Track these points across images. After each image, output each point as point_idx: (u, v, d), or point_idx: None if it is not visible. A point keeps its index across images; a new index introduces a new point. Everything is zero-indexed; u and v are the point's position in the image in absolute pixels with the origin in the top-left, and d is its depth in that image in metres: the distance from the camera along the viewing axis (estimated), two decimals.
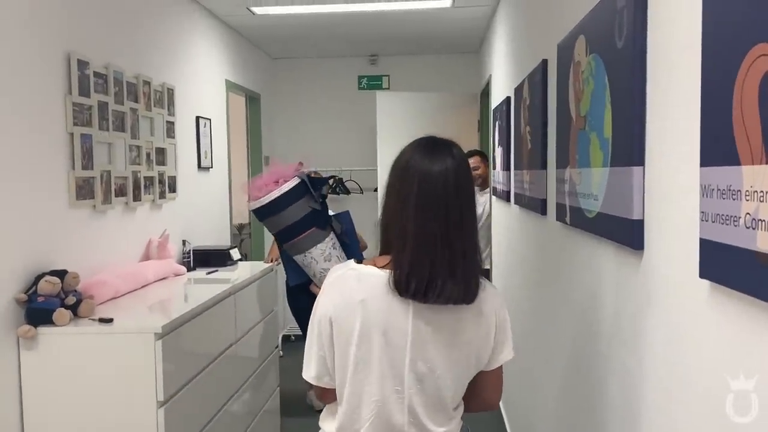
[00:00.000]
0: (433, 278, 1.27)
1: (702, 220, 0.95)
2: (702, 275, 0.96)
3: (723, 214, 0.88)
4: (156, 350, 2.13)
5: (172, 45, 3.62)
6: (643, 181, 1.26)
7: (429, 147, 1.35)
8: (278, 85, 5.92)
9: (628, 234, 1.31)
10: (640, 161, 1.26)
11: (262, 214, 1.94)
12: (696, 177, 0.98)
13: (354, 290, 1.32)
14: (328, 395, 1.41)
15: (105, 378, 2.15)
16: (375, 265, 1.35)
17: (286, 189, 1.86)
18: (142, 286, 2.86)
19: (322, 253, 1.86)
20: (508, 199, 3.51)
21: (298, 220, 1.88)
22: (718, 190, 0.89)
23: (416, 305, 1.30)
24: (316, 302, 1.39)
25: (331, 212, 2.05)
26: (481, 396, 1.44)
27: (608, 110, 1.44)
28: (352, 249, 2.00)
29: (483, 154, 4.70)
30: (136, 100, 3.05)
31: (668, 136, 1.14)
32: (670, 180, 1.13)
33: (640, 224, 1.27)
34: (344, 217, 2.01)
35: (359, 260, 1.40)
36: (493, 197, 4.37)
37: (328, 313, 1.34)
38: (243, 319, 3.04)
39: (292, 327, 5.96)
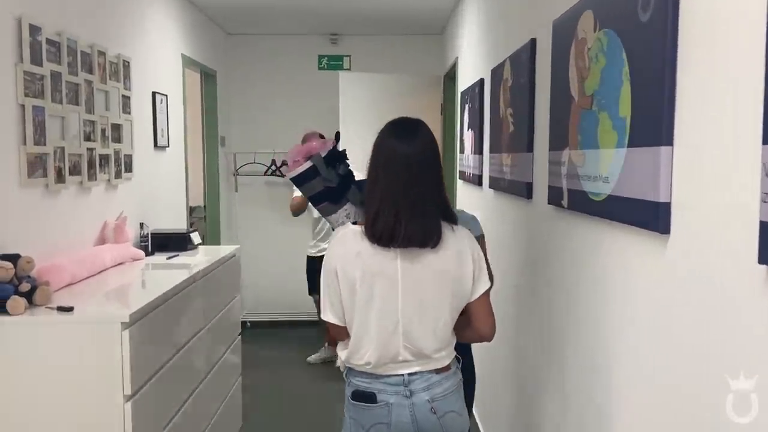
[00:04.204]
0: (396, 226, 1.59)
1: (763, 201, 0.89)
2: (761, 261, 0.90)
3: None
4: (123, 341, 1.97)
5: (127, 14, 3.38)
6: (672, 162, 1.20)
7: (399, 126, 1.70)
8: (235, 62, 5.68)
9: (651, 217, 1.25)
10: (669, 141, 1.21)
11: (297, 181, 2.01)
12: (754, 155, 0.92)
13: (352, 245, 1.65)
14: (342, 333, 1.72)
15: (66, 371, 1.98)
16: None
17: (301, 170, 1.96)
18: (100, 272, 2.66)
19: (336, 220, 1.95)
20: (479, 183, 3.46)
21: (313, 194, 1.98)
22: None
23: (402, 252, 1.62)
24: (324, 258, 1.71)
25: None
26: (473, 326, 1.74)
27: (626, 88, 1.37)
28: None
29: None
30: (90, 71, 2.83)
31: (712, 115, 1.08)
32: (713, 160, 1.07)
33: (666, 207, 1.21)
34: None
35: (354, 222, 1.72)
36: (460, 181, 4.31)
37: (334, 265, 1.67)
38: (209, 305, 2.89)
39: (248, 313, 5.80)
